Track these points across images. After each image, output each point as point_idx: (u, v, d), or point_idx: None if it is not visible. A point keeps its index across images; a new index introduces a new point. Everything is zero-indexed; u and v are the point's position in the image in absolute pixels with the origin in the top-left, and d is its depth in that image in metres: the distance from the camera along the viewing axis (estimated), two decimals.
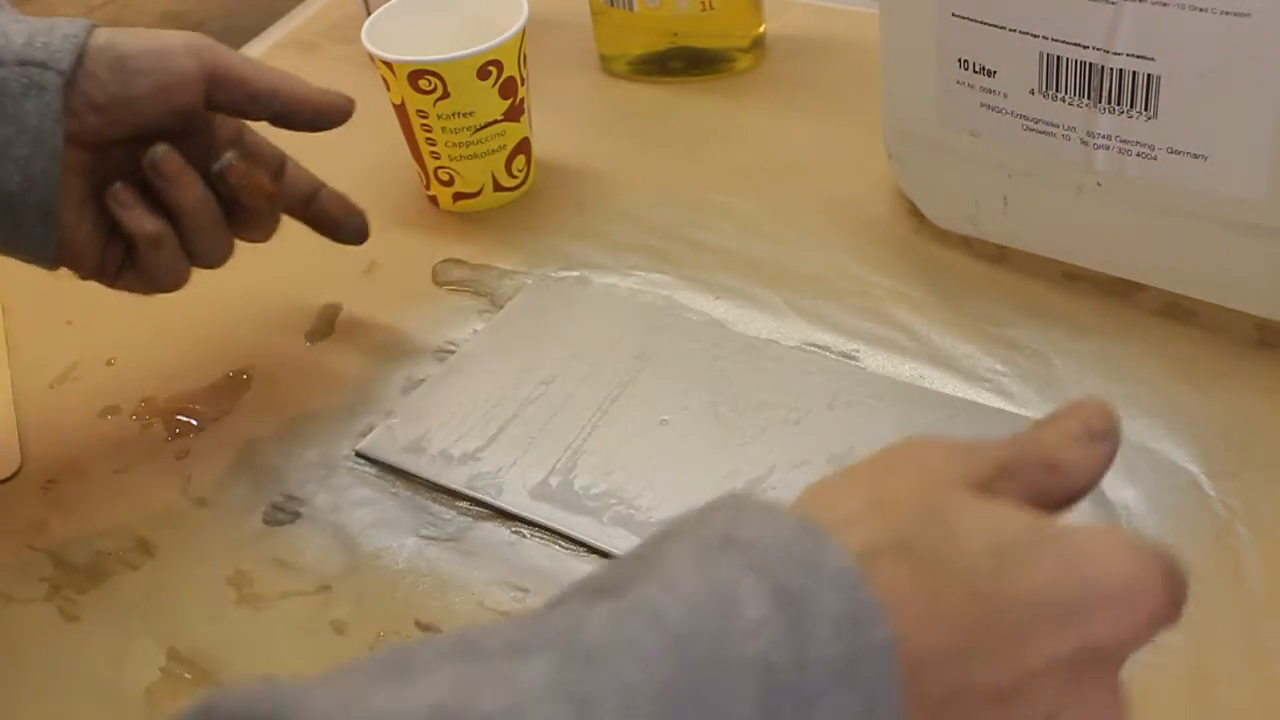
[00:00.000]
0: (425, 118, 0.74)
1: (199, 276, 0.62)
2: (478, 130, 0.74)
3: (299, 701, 0.31)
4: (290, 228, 0.66)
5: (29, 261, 0.59)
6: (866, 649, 0.33)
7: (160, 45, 0.58)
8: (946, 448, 0.39)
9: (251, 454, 0.65)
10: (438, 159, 0.76)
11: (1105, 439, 0.40)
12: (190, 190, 0.59)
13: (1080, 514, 0.55)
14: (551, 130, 0.81)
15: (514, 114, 0.75)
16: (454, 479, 0.61)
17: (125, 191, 0.59)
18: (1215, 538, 0.54)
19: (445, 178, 0.77)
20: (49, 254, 0.59)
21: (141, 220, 0.59)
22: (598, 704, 0.31)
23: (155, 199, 0.59)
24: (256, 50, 0.97)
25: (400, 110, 0.75)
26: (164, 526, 0.62)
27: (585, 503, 0.59)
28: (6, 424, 0.68)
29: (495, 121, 0.74)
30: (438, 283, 0.73)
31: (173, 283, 0.62)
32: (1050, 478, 0.39)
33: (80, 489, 0.64)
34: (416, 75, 0.72)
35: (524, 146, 0.77)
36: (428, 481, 0.61)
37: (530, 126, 0.77)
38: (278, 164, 0.65)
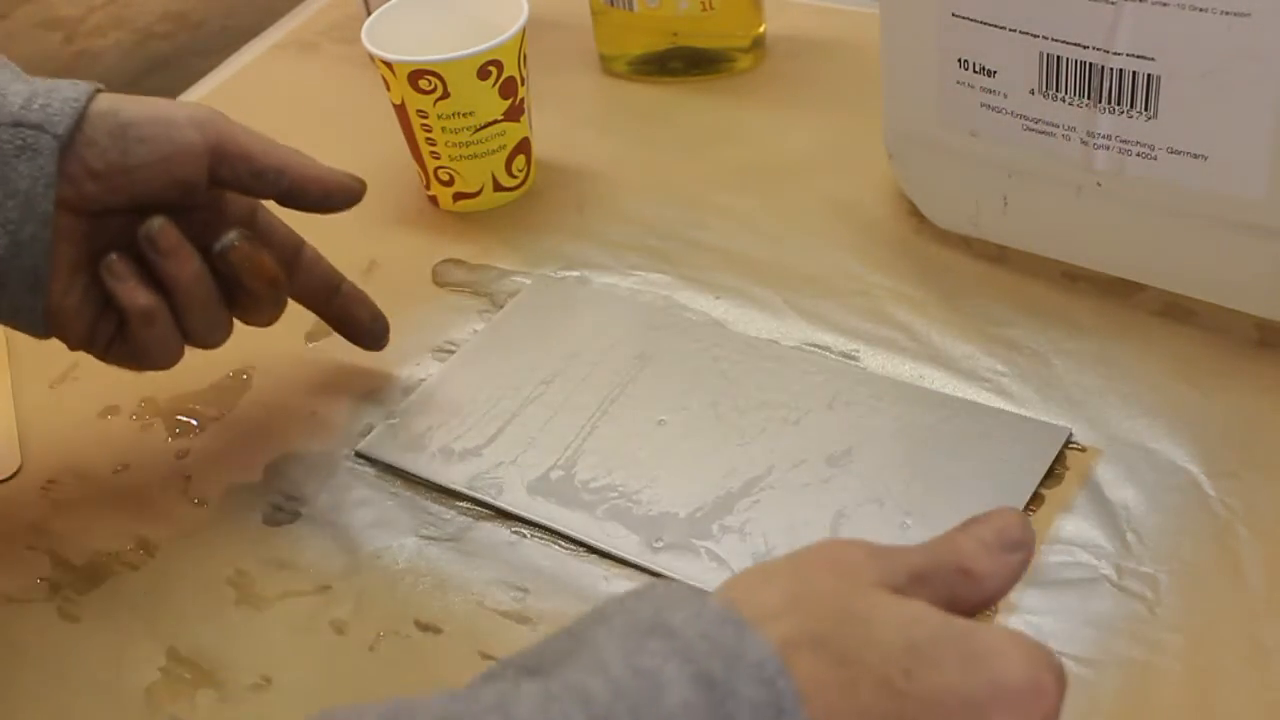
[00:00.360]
0: (425, 118, 0.74)
1: None
2: (478, 130, 0.74)
3: None
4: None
5: (19, 329, 0.57)
6: None
7: (164, 115, 0.56)
8: (865, 550, 0.41)
9: (251, 454, 0.65)
10: (438, 159, 0.76)
11: (1018, 549, 0.41)
12: (186, 265, 0.57)
13: (1081, 517, 0.56)
14: (551, 130, 0.81)
15: (514, 114, 0.75)
16: (454, 479, 0.61)
17: (120, 263, 0.57)
18: (1215, 538, 0.54)
19: (445, 178, 0.77)
20: (38, 322, 0.57)
21: (135, 294, 0.56)
22: None
23: (152, 274, 0.57)
24: (256, 50, 0.97)
25: (400, 110, 0.75)
26: (164, 526, 0.62)
27: (585, 499, 0.59)
28: (6, 424, 0.68)
29: (495, 121, 0.74)
30: (438, 283, 0.73)
31: (165, 360, 0.59)
32: (963, 584, 0.41)
33: (80, 489, 0.64)
34: (416, 75, 0.72)
35: (524, 146, 0.77)
36: (428, 481, 0.62)
37: (530, 126, 0.77)
38: (292, 250, 0.63)
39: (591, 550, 0.58)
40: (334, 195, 0.60)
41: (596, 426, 0.62)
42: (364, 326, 0.66)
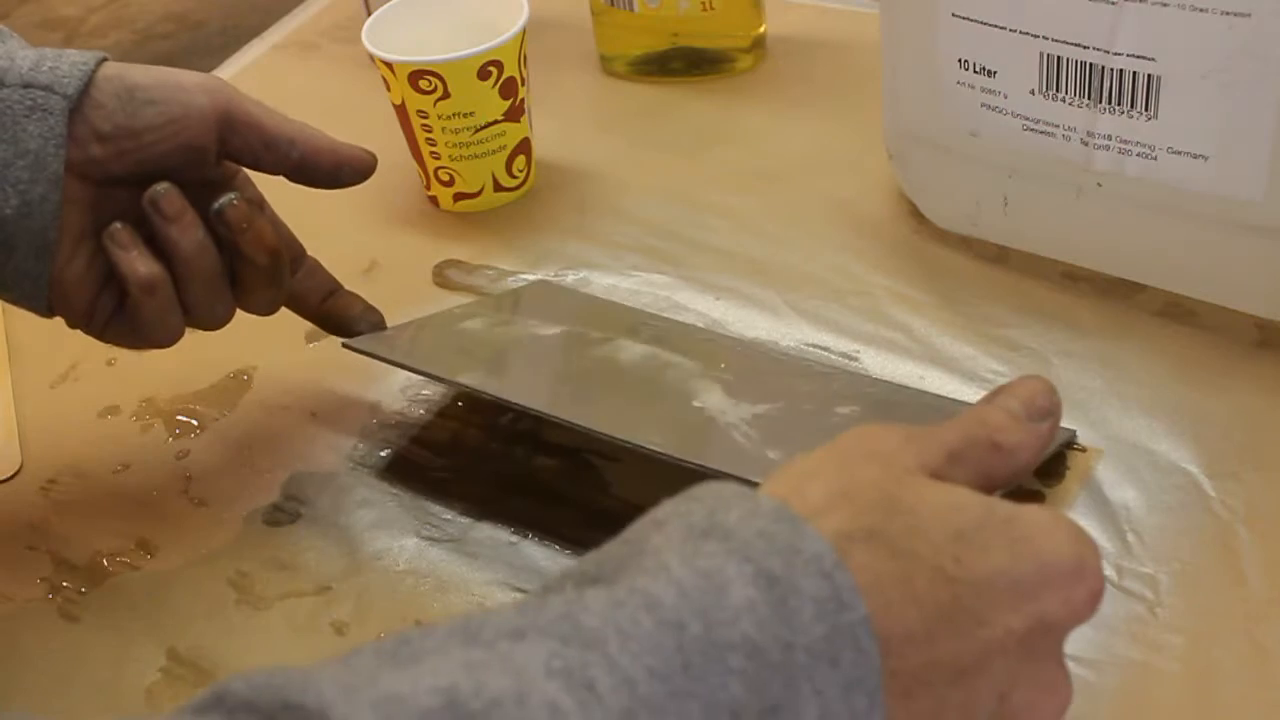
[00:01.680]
0: (425, 118, 0.74)
1: None
2: (478, 130, 0.74)
3: (309, 683, 0.32)
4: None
5: (20, 303, 0.57)
6: (847, 629, 0.35)
7: (173, 79, 0.56)
8: (900, 435, 0.42)
9: (252, 454, 0.65)
10: (438, 159, 0.76)
11: (1046, 417, 0.43)
12: (189, 233, 0.56)
13: (1081, 517, 0.56)
14: (551, 130, 0.81)
15: (514, 114, 0.75)
16: (443, 372, 0.60)
17: (124, 232, 0.56)
18: (1215, 538, 0.54)
19: (445, 178, 0.77)
20: (41, 293, 0.56)
21: (137, 262, 0.56)
22: (598, 684, 0.33)
23: (155, 245, 0.56)
24: (257, 51, 0.97)
25: (400, 110, 0.75)
26: (164, 526, 0.62)
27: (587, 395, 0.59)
28: (6, 424, 0.68)
29: (495, 122, 0.74)
30: (438, 283, 0.73)
31: (164, 336, 0.58)
32: (995, 458, 0.42)
33: (80, 489, 0.64)
34: (417, 75, 0.72)
35: (524, 147, 0.77)
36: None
37: (530, 127, 0.77)
38: (294, 252, 0.62)
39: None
40: (345, 167, 0.60)
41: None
42: (356, 314, 0.64)
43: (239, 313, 0.60)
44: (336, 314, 0.64)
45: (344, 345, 0.62)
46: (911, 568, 0.37)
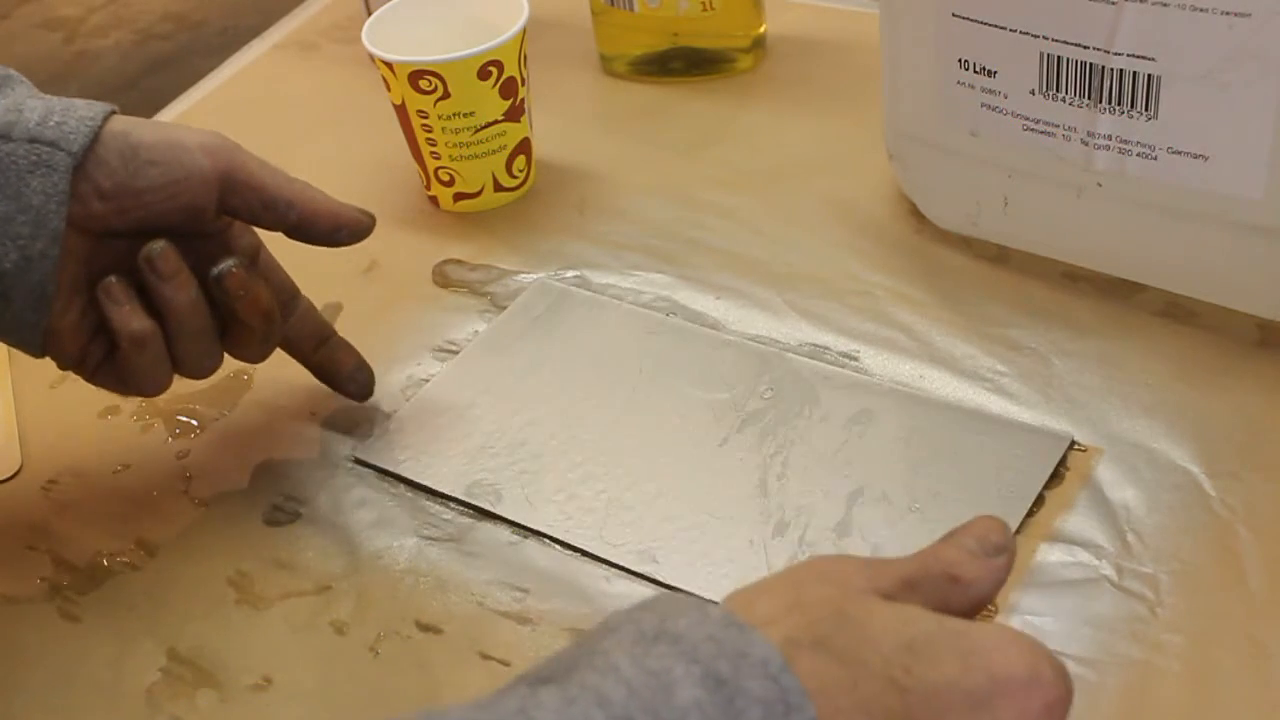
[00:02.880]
0: (426, 118, 0.74)
1: None
2: (478, 130, 0.74)
3: None
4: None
5: (14, 346, 0.58)
6: None
7: (176, 139, 0.56)
8: (855, 563, 0.42)
9: (252, 454, 0.65)
10: (438, 159, 0.76)
11: (1000, 553, 0.43)
12: (183, 291, 0.56)
13: (1081, 517, 0.56)
14: (551, 130, 0.81)
15: (514, 114, 0.75)
16: (453, 486, 0.61)
17: (118, 286, 0.56)
18: (1215, 538, 0.54)
19: (446, 178, 0.77)
20: (36, 340, 0.57)
21: (129, 318, 0.56)
22: None
23: (148, 299, 0.57)
24: (257, 51, 0.97)
25: (400, 110, 0.75)
26: (164, 526, 0.62)
27: (585, 506, 0.59)
28: (6, 424, 0.68)
29: (496, 122, 0.74)
30: (438, 283, 0.73)
31: (151, 387, 0.59)
32: (952, 589, 0.42)
33: (80, 489, 0.64)
34: (417, 75, 0.72)
35: (524, 147, 0.77)
36: (427, 486, 0.62)
37: (530, 127, 0.77)
38: (288, 295, 0.63)
39: (592, 557, 0.57)
40: (343, 230, 0.60)
41: (596, 434, 0.62)
42: (346, 373, 0.65)
43: None
44: (328, 368, 0.65)
45: (357, 460, 0.63)
46: (859, 675, 0.38)
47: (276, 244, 0.62)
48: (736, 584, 0.43)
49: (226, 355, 0.61)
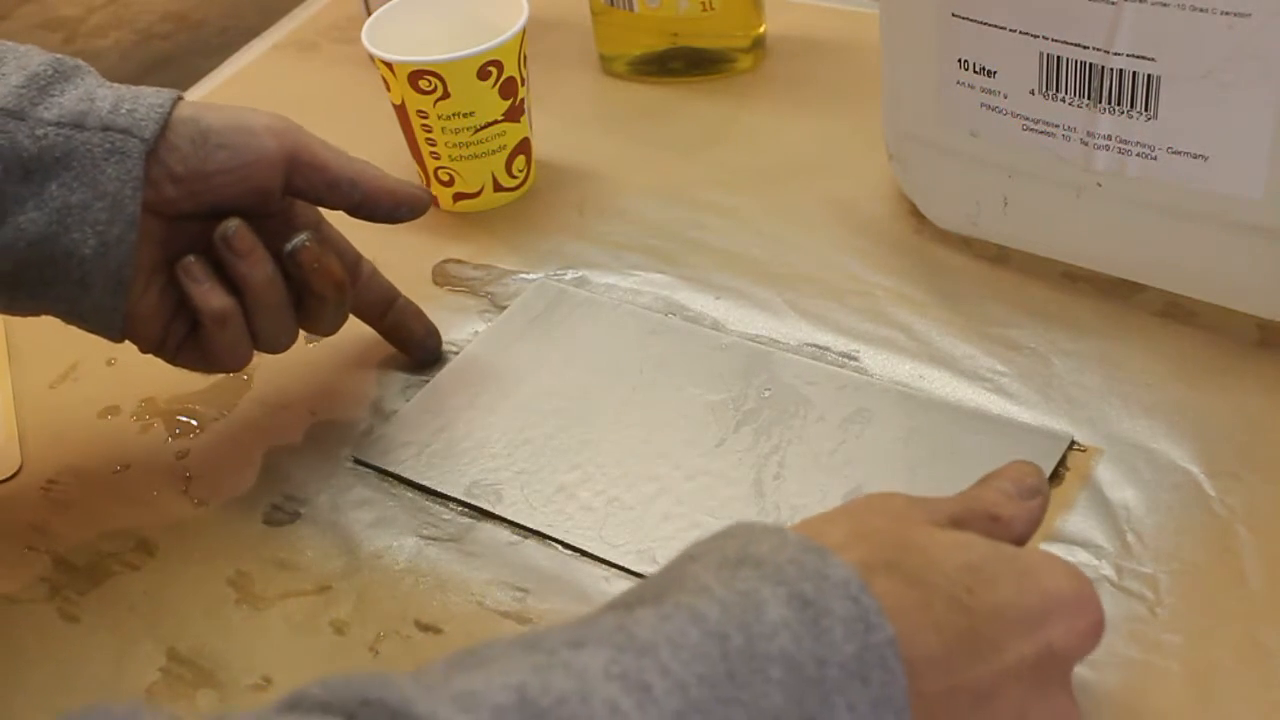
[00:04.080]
0: (425, 118, 0.74)
1: None
2: (478, 130, 0.74)
3: (387, 683, 0.35)
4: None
5: (94, 331, 0.59)
6: (875, 649, 0.38)
7: (244, 123, 0.58)
8: (906, 499, 0.45)
9: (252, 454, 0.65)
10: (438, 159, 0.76)
11: (1035, 494, 0.47)
12: (260, 267, 0.58)
13: (1081, 517, 0.56)
14: (551, 130, 0.81)
15: (514, 114, 0.75)
16: (452, 486, 0.61)
17: (197, 265, 0.58)
18: (1215, 538, 0.54)
19: (445, 178, 0.77)
20: (116, 324, 0.58)
21: (210, 296, 0.58)
22: (654, 687, 0.35)
23: (225, 277, 0.58)
24: (257, 50, 0.97)
25: (400, 110, 0.75)
26: (164, 526, 0.62)
27: (585, 507, 0.59)
28: (6, 424, 0.68)
29: (495, 122, 0.74)
30: (438, 283, 0.73)
31: (234, 363, 0.60)
32: (994, 527, 0.45)
33: (80, 489, 0.64)
34: (417, 75, 0.72)
35: (524, 147, 0.77)
36: (427, 486, 0.62)
37: (530, 127, 0.77)
38: (351, 262, 0.65)
39: (592, 557, 0.57)
40: (403, 207, 0.62)
41: (597, 433, 0.62)
42: (417, 339, 0.67)
43: None
44: (399, 334, 0.67)
45: (356, 461, 0.64)
46: (929, 595, 0.40)
47: None
48: None
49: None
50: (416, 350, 0.67)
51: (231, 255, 0.58)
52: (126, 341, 0.60)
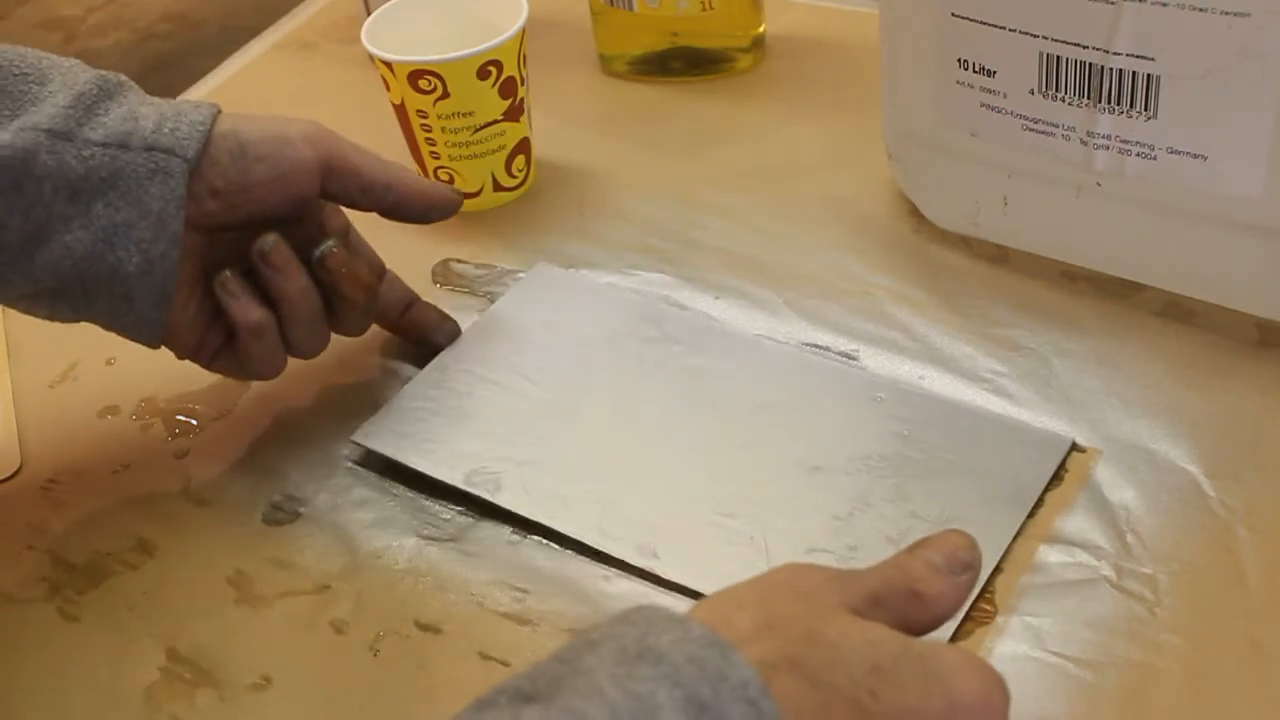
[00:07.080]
0: (425, 118, 0.74)
1: None
2: (478, 130, 0.74)
3: None
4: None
5: (134, 340, 0.60)
6: None
7: (280, 134, 0.59)
8: (824, 575, 0.44)
9: (251, 454, 0.65)
10: (437, 159, 0.76)
11: (965, 570, 0.45)
12: (295, 280, 0.59)
13: (1080, 518, 0.56)
14: (551, 130, 0.81)
15: (514, 114, 0.75)
16: (452, 474, 0.61)
17: (234, 280, 0.59)
18: (1215, 538, 0.54)
19: (445, 178, 0.77)
20: (157, 335, 0.59)
21: (247, 310, 0.59)
22: None
23: (259, 287, 0.60)
24: (256, 50, 0.97)
25: (400, 110, 0.75)
26: (164, 526, 0.62)
27: (583, 499, 0.59)
28: (6, 424, 0.68)
29: (495, 121, 0.74)
30: (437, 282, 0.73)
31: (269, 371, 0.62)
32: (914, 605, 0.44)
33: (80, 489, 0.64)
34: (416, 75, 0.72)
35: (524, 146, 0.77)
36: (424, 476, 0.61)
37: (530, 126, 0.77)
38: (378, 265, 0.65)
39: (589, 551, 0.57)
40: (435, 209, 0.64)
41: (597, 425, 0.62)
42: (434, 325, 0.67)
43: None
44: (416, 330, 0.68)
45: (353, 440, 0.64)
46: (830, 699, 0.39)
47: None
48: (737, 580, 0.43)
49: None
50: (436, 335, 0.67)
51: (269, 270, 0.59)
52: (127, 341, 0.60)
